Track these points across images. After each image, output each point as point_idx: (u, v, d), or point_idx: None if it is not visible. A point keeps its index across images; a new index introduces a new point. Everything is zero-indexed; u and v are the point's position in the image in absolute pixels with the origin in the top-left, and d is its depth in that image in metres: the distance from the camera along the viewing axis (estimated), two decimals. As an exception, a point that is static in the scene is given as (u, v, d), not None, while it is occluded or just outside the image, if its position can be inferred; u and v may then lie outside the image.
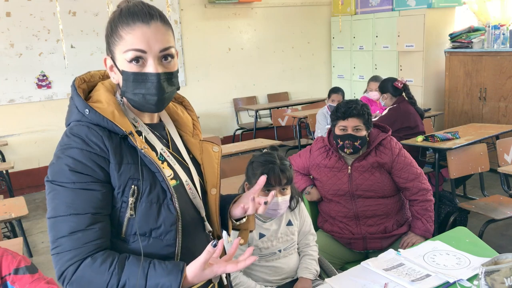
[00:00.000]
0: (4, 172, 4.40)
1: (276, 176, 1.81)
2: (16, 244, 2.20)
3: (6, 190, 4.52)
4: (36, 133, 5.36)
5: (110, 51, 1.11)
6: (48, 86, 5.35)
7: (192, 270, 1.03)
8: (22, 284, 1.62)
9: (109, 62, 1.13)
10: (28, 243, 3.75)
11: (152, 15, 1.06)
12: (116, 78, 1.13)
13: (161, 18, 1.08)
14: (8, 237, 3.25)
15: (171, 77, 1.10)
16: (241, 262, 1.04)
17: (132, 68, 1.07)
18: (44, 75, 5.32)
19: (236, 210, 1.25)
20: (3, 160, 4.95)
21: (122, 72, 1.08)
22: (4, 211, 2.72)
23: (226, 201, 1.30)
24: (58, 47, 5.28)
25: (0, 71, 5.09)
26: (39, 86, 5.31)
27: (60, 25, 4.52)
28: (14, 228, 3.36)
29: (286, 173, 1.83)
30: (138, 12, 1.06)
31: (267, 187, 1.81)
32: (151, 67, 1.07)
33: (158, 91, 1.08)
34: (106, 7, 4.82)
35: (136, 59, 1.06)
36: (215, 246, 1.01)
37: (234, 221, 1.28)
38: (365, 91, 4.88)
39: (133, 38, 1.05)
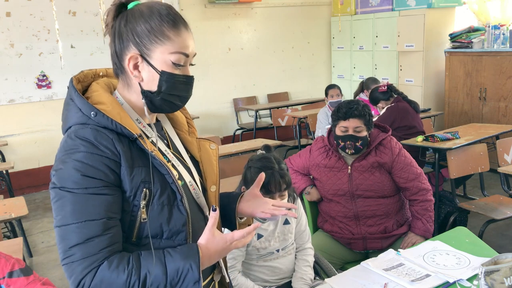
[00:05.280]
0: (4, 172, 4.40)
1: (277, 183, 1.79)
2: (16, 244, 2.20)
3: (6, 190, 4.52)
4: (36, 133, 5.36)
5: (141, 49, 1.07)
6: (48, 86, 5.36)
7: (204, 238, 1.07)
8: (17, 287, 1.61)
9: (136, 60, 1.08)
10: (28, 243, 3.75)
11: (187, 24, 1.11)
12: (140, 77, 1.10)
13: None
14: (8, 237, 3.25)
15: None
16: (248, 227, 1.09)
17: (173, 70, 1.08)
18: (44, 75, 5.33)
19: (252, 212, 1.28)
20: (3, 160, 4.96)
21: (162, 73, 1.07)
22: (4, 211, 2.72)
23: (230, 200, 1.31)
24: (58, 47, 5.28)
25: (0, 71, 5.09)
26: (39, 86, 5.31)
27: (56, 25, 4.52)
28: (14, 228, 3.36)
29: (285, 178, 1.82)
30: (180, 18, 1.10)
31: (268, 194, 1.79)
32: (187, 70, 1.12)
33: (190, 93, 1.15)
34: (99, 7, 4.83)
35: (181, 61, 1.09)
36: (214, 210, 1.08)
37: (239, 218, 1.31)
38: (362, 92, 4.88)
39: (182, 41, 1.08)
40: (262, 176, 1.29)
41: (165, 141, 1.21)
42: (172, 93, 1.09)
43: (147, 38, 1.07)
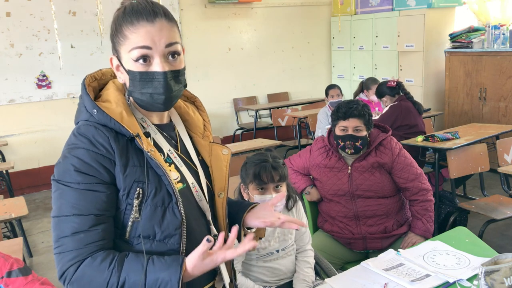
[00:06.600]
0: (4, 172, 4.39)
1: (268, 173, 1.81)
2: (16, 244, 2.20)
3: (6, 190, 4.52)
4: (36, 133, 5.35)
5: (115, 51, 1.10)
6: (48, 86, 5.35)
7: (191, 261, 1.03)
8: (16, 287, 1.61)
9: (115, 61, 1.11)
10: (28, 243, 3.75)
11: (156, 13, 1.05)
12: (122, 77, 1.12)
13: (166, 15, 1.07)
14: (8, 237, 3.25)
15: (178, 75, 1.09)
16: (240, 247, 1.04)
17: (139, 67, 1.06)
18: (44, 75, 5.32)
19: (254, 222, 1.23)
20: (3, 160, 4.95)
21: (129, 72, 1.07)
22: (4, 211, 2.72)
23: (239, 209, 1.28)
24: (58, 47, 5.28)
25: (0, 71, 5.09)
26: (39, 86, 5.31)
27: (55, 25, 4.52)
28: (14, 228, 3.36)
29: (279, 170, 1.83)
30: (142, 11, 1.05)
31: (261, 185, 1.82)
32: (157, 65, 1.05)
33: (165, 90, 1.06)
34: (96, 6, 4.84)
35: (143, 58, 1.05)
36: (208, 241, 1.02)
37: (246, 229, 1.27)
38: (362, 92, 4.87)
39: (137, 37, 1.04)
40: (283, 194, 1.29)
41: (174, 142, 1.20)
42: (142, 91, 1.08)
43: (114, 39, 1.09)
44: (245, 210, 1.26)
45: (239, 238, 1.28)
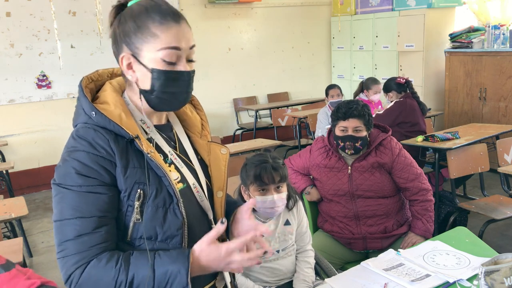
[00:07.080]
0: (4, 172, 4.40)
1: (269, 174, 1.81)
2: (16, 244, 2.20)
3: (6, 190, 4.52)
4: (36, 133, 5.35)
5: (132, 49, 1.07)
6: (48, 86, 5.35)
7: (199, 245, 1.05)
8: None
9: (128, 60, 1.09)
10: (28, 243, 3.75)
11: (180, 15, 1.08)
12: (135, 76, 1.09)
13: (184, 18, 1.10)
14: (8, 237, 3.25)
15: (193, 75, 1.13)
16: (246, 255, 1.04)
17: (164, 66, 1.06)
18: (44, 75, 5.32)
19: (235, 233, 1.23)
20: (3, 160, 4.95)
21: (153, 70, 1.06)
22: (4, 211, 2.72)
23: (229, 209, 1.27)
24: (58, 47, 5.28)
25: (0, 71, 5.09)
26: (39, 86, 5.31)
27: (55, 25, 4.52)
28: (14, 228, 3.37)
29: (279, 170, 1.84)
30: (168, 11, 1.06)
31: (262, 186, 1.83)
32: (182, 66, 1.08)
33: (188, 89, 1.10)
34: (95, 7, 4.83)
35: (172, 57, 1.06)
36: (223, 223, 1.03)
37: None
38: (362, 92, 4.88)
39: (169, 36, 1.05)
40: (253, 201, 1.26)
41: (172, 143, 1.20)
42: (165, 90, 1.08)
43: (135, 37, 1.06)
44: (231, 214, 1.26)
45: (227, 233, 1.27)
